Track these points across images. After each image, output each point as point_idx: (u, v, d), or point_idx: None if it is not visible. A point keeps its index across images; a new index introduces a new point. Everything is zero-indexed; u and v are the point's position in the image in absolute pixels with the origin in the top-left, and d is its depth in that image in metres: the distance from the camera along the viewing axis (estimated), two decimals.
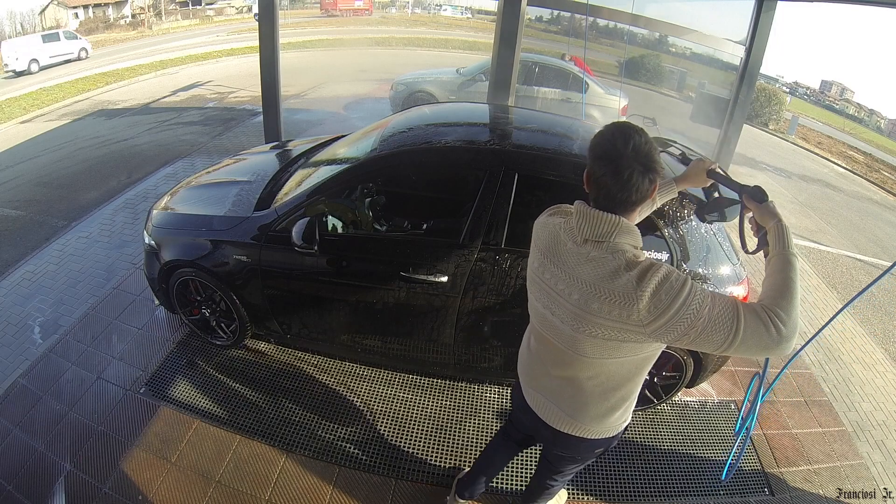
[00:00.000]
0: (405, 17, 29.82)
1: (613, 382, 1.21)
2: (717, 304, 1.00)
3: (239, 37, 19.50)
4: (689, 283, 1.02)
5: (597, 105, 6.75)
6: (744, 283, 2.38)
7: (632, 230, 1.11)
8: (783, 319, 0.99)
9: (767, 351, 1.01)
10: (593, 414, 1.29)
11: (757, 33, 4.54)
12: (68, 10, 27.24)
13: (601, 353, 1.13)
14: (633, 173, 1.04)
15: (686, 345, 1.03)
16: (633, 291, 1.02)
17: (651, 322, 1.02)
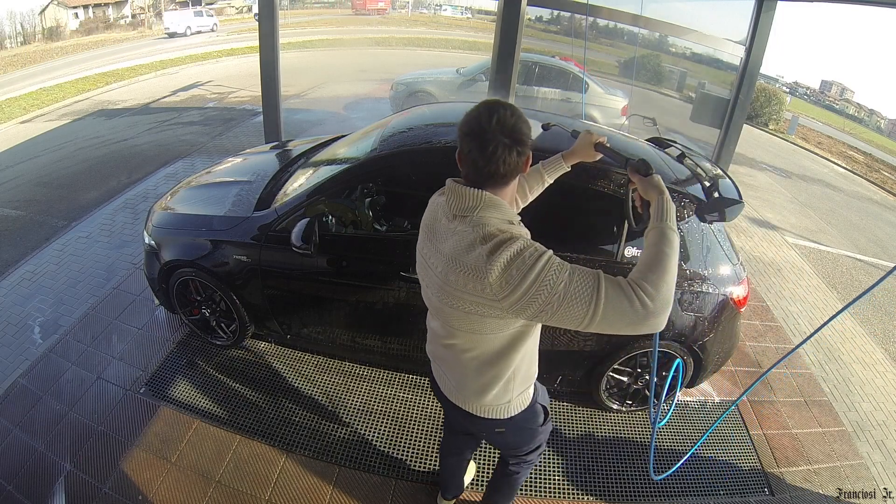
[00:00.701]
0: (405, 16, 29.81)
1: (486, 358, 1.20)
2: (576, 279, 0.98)
3: (239, 37, 19.50)
4: (546, 257, 1.00)
5: (597, 105, 6.75)
6: (744, 282, 2.38)
7: (498, 204, 1.10)
8: (650, 294, 0.97)
9: (634, 326, 0.98)
10: (472, 389, 1.29)
11: (757, 33, 4.54)
12: (68, 10, 27.22)
13: (468, 327, 1.13)
14: (497, 146, 1.04)
15: (549, 321, 1.01)
16: (483, 265, 1.01)
17: (505, 297, 1.01)
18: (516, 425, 1.40)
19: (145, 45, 19.32)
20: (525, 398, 1.36)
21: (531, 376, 1.36)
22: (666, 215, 1.13)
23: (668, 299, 0.99)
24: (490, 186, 1.10)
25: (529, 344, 1.22)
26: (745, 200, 2.33)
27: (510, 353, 1.19)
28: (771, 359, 3.28)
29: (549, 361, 2.46)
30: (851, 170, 12.07)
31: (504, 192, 1.13)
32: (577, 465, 2.39)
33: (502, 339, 1.16)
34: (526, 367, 1.30)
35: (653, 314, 0.97)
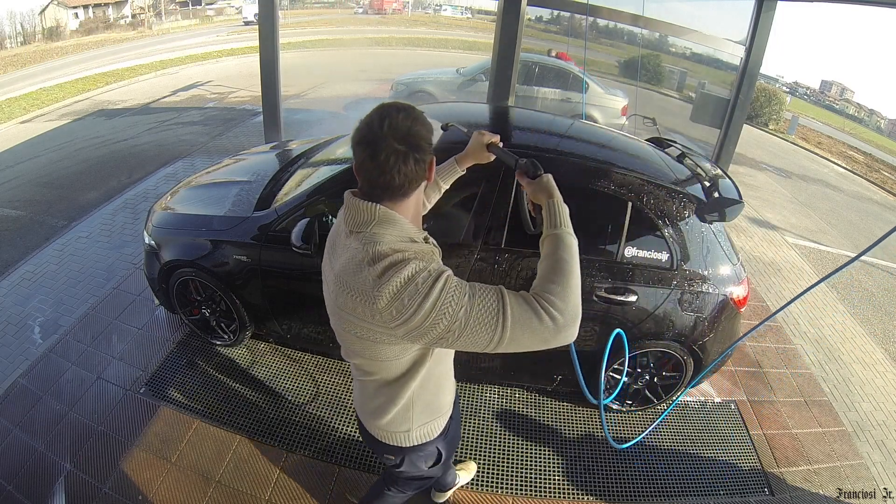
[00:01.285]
0: (405, 16, 29.81)
1: (381, 383, 1.13)
2: (477, 302, 0.90)
3: (239, 37, 19.50)
4: (441, 282, 0.90)
5: (597, 105, 6.75)
6: (744, 283, 2.38)
7: (394, 220, 0.98)
8: (557, 306, 0.90)
9: (546, 342, 0.91)
10: (368, 410, 1.22)
11: (757, 33, 4.54)
12: (68, 10, 27.22)
13: (363, 353, 1.04)
14: (390, 154, 0.93)
15: (451, 346, 0.94)
16: (370, 289, 0.91)
17: (399, 325, 0.91)
18: (408, 458, 1.32)
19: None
20: (427, 432, 1.25)
21: (439, 408, 1.25)
22: (559, 220, 1.05)
23: (577, 309, 0.93)
24: (387, 199, 0.99)
25: (431, 370, 1.12)
26: (745, 200, 2.34)
27: (408, 380, 1.10)
28: (771, 359, 3.29)
29: (548, 361, 2.48)
30: (851, 170, 12.07)
31: (403, 206, 1.01)
32: (578, 465, 2.39)
33: (402, 365, 1.08)
34: (430, 395, 1.19)
35: (564, 327, 0.90)
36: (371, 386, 1.16)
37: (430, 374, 1.13)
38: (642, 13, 4.59)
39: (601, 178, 2.24)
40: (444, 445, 1.36)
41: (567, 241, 1.02)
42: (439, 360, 1.15)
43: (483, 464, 2.34)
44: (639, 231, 2.25)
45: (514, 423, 2.56)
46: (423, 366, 1.09)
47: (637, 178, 2.25)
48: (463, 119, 2.85)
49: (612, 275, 2.25)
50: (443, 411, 1.28)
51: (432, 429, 1.27)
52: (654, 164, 2.47)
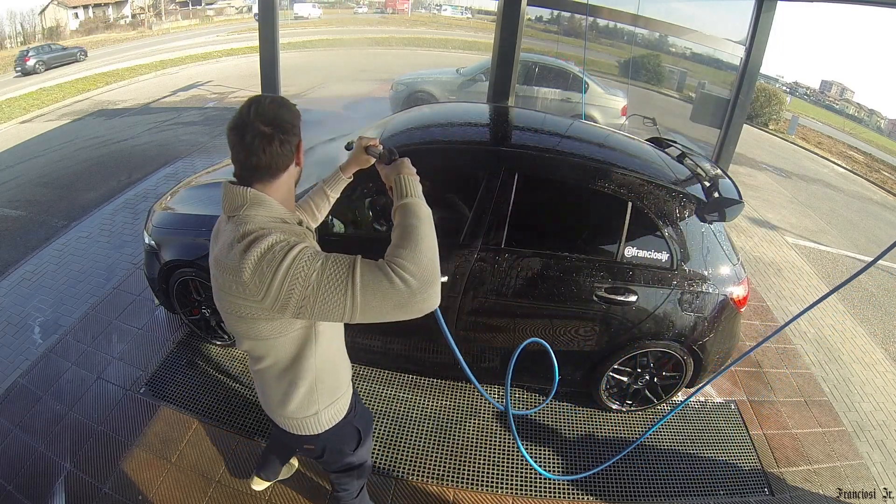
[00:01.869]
0: (405, 16, 29.81)
1: (282, 366, 1.16)
2: (329, 266, 0.93)
3: (239, 37, 19.51)
4: (297, 250, 0.95)
5: (597, 105, 6.75)
6: (744, 282, 2.38)
7: (265, 202, 1.05)
8: (409, 269, 0.91)
9: (403, 308, 0.92)
10: (274, 400, 1.24)
11: (757, 33, 4.53)
12: (68, 10, 27.23)
13: (247, 333, 1.08)
14: (256, 136, 1.00)
15: (313, 316, 0.96)
16: (238, 263, 0.97)
17: (263, 296, 0.96)
18: (325, 444, 1.35)
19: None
20: (335, 413, 1.30)
21: (339, 386, 1.30)
22: (407, 191, 1.07)
23: (430, 271, 0.93)
24: (258, 182, 1.06)
25: (324, 350, 1.17)
26: (745, 200, 2.33)
27: (303, 360, 1.14)
28: (771, 359, 3.29)
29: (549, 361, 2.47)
30: (851, 170, 12.07)
31: (274, 188, 1.07)
32: (578, 465, 2.38)
33: (290, 344, 1.11)
34: (329, 375, 1.23)
35: (418, 290, 0.91)
36: (269, 374, 1.19)
37: (325, 354, 1.18)
38: (637, 13, 4.58)
39: (601, 178, 2.24)
40: (360, 423, 1.40)
41: (414, 208, 1.02)
42: (329, 339, 1.19)
43: (483, 464, 2.34)
44: (639, 231, 2.26)
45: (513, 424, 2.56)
46: (312, 345, 1.13)
47: (637, 178, 2.25)
48: (463, 119, 2.85)
49: (612, 275, 2.25)
50: (343, 389, 1.32)
51: (339, 409, 1.31)
52: (654, 164, 2.47)
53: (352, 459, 1.45)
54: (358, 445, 1.42)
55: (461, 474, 2.28)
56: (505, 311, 2.32)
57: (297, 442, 1.34)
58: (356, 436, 1.40)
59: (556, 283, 2.26)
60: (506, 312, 2.33)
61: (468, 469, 2.31)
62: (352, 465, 1.48)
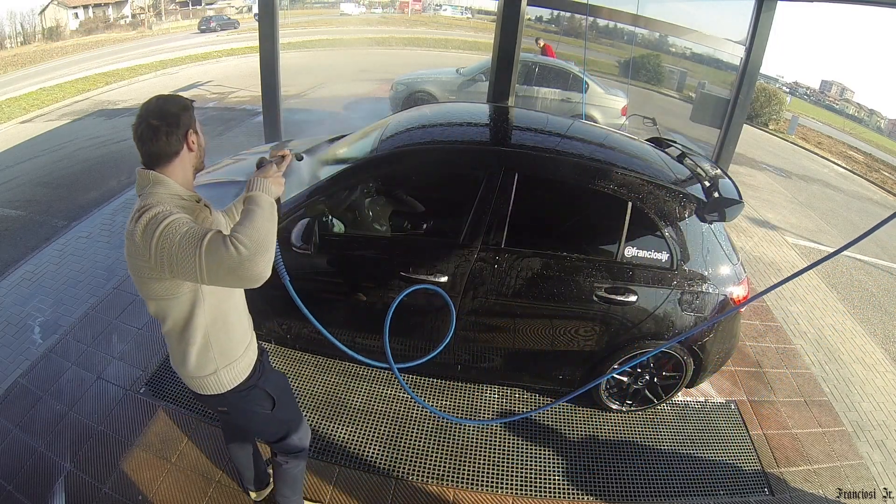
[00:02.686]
0: (405, 17, 29.82)
1: (178, 327, 1.33)
2: (188, 235, 1.12)
3: (239, 37, 19.50)
4: (171, 218, 1.14)
5: (597, 105, 6.75)
6: (743, 282, 2.38)
7: (164, 181, 1.25)
8: (243, 241, 1.10)
9: (238, 273, 1.11)
10: (176, 361, 1.41)
11: (757, 33, 4.54)
12: (68, 10, 27.23)
13: (147, 293, 1.27)
14: (145, 128, 1.21)
15: (178, 275, 1.16)
16: (132, 229, 1.17)
17: (150, 256, 1.15)
18: (236, 406, 1.50)
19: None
20: (234, 374, 1.44)
21: (234, 350, 1.43)
22: (255, 186, 1.26)
23: (261, 244, 1.12)
24: (158, 166, 1.25)
25: (212, 311, 1.33)
26: (744, 200, 2.34)
27: (193, 320, 1.31)
28: (771, 359, 3.29)
29: (549, 361, 2.48)
30: (851, 170, 12.07)
31: (171, 171, 1.26)
32: (577, 465, 2.39)
33: (182, 306, 1.29)
34: (222, 337, 1.39)
35: (248, 258, 1.10)
36: (171, 337, 1.37)
37: (213, 315, 1.34)
38: (637, 13, 4.58)
39: (601, 178, 2.24)
40: (271, 387, 1.55)
41: (257, 198, 1.23)
42: (218, 301, 1.35)
43: (483, 464, 2.34)
44: (639, 231, 2.26)
45: (514, 423, 2.56)
46: (201, 306, 1.31)
47: (637, 178, 2.25)
48: (463, 120, 2.85)
49: (612, 275, 2.25)
50: (239, 352, 1.45)
51: (239, 371, 1.45)
52: (654, 164, 2.47)
53: (275, 422, 1.61)
54: (274, 406, 1.55)
55: (461, 474, 2.28)
56: (505, 311, 2.32)
57: (210, 404, 1.50)
58: (268, 398, 1.54)
59: (556, 284, 2.26)
60: (506, 312, 2.33)
61: (468, 469, 2.31)
62: (277, 428, 1.64)
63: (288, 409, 1.63)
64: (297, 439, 1.69)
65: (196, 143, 1.30)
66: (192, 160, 1.31)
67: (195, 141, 1.29)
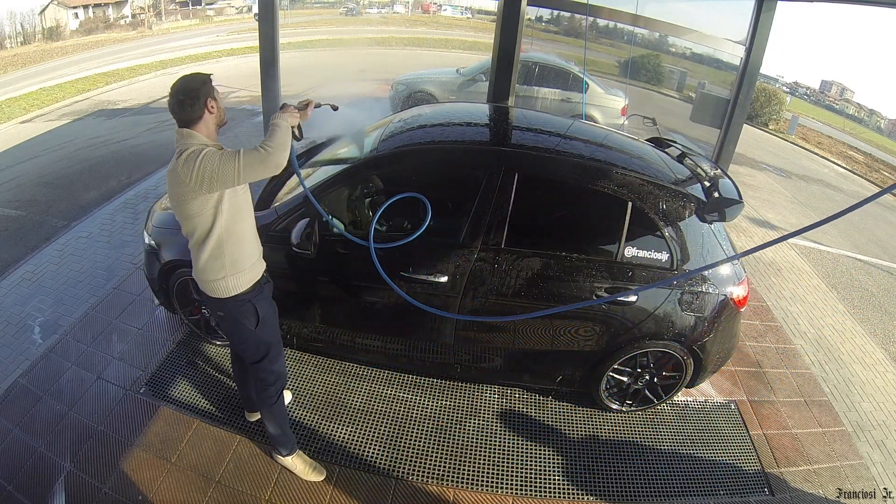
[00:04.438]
0: (405, 16, 29.81)
1: (201, 236, 1.72)
2: (226, 154, 1.63)
3: (239, 37, 19.50)
4: (207, 149, 1.61)
5: (597, 105, 6.75)
6: (744, 282, 2.38)
7: (194, 135, 1.67)
8: (268, 144, 1.66)
9: (264, 163, 1.64)
10: (196, 267, 1.80)
11: (757, 33, 4.53)
12: (68, 10, 27.22)
13: (183, 213, 1.69)
14: (174, 102, 1.65)
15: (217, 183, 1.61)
16: (174, 164, 1.64)
17: (190, 179, 1.60)
18: (229, 312, 1.85)
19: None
20: (236, 283, 1.80)
21: (243, 262, 1.80)
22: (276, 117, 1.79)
23: (280, 145, 1.68)
24: (188, 126, 1.68)
25: (228, 224, 1.72)
26: (744, 200, 2.34)
27: (213, 230, 1.71)
28: (771, 359, 3.29)
29: (549, 361, 2.48)
30: (851, 170, 12.08)
31: (199, 128, 1.69)
32: (577, 465, 2.39)
33: (207, 219, 1.69)
34: (234, 247, 1.77)
35: (271, 154, 1.65)
36: (194, 245, 1.76)
37: (229, 228, 1.73)
38: (637, 13, 4.58)
39: (601, 178, 2.24)
40: (260, 305, 1.88)
41: (275, 119, 1.78)
42: (233, 217, 1.74)
43: (483, 464, 2.34)
44: (639, 231, 2.26)
45: (514, 423, 2.56)
46: (220, 216, 1.70)
47: (637, 178, 2.25)
48: (463, 119, 2.85)
49: (612, 275, 2.25)
50: (245, 266, 1.82)
51: (241, 282, 1.82)
52: (654, 164, 2.47)
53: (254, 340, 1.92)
54: (257, 324, 1.88)
55: (461, 474, 2.28)
56: (505, 311, 2.32)
57: (212, 306, 1.89)
58: (254, 313, 1.87)
59: (556, 283, 2.26)
60: (506, 313, 2.33)
61: (468, 469, 2.31)
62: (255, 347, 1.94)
63: (269, 332, 1.95)
64: (269, 363, 1.98)
65: (215, 107, 1.70)
66: (214, 119, 1.72)
67: (214, 105, 1.70)
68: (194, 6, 30.88)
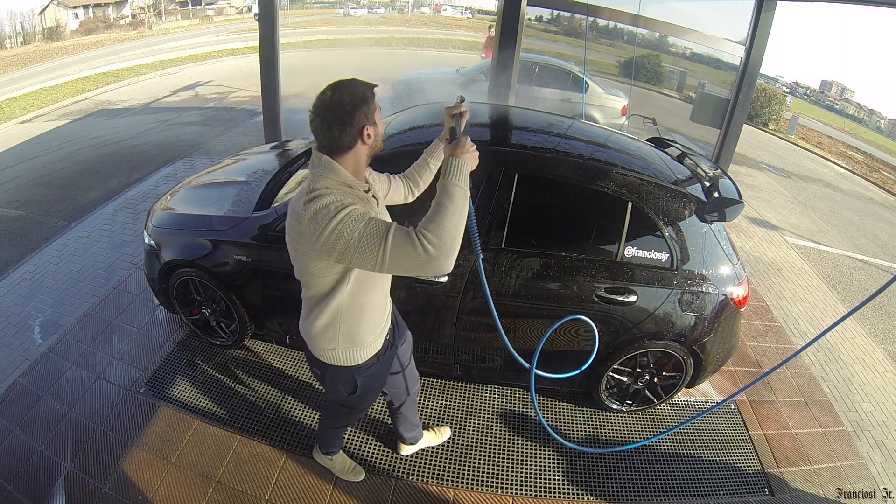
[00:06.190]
0: (405, 16, 29.80)
1: (316, 298, 1.41)
2: (370, 228, 1.17)
3: (239, 37, 19.49)
4: (347, 211, 1.19)
5: (597, 105, 6.75)
6: (744, 282, 2.38)
7: (334, 168, 1.28)
8: (431, 240, 1.12)
9: (421, 268, 1.15)
10: (305, 323, 1.49)
11: (757, 33, 4.54)
12: (68, 10, 27.22)
13: (302, 266, 1.35)
14: (317, 122, 1.25)
15: (350, 262, 1.21)
16: (301, 209, 1.23)
17: (315, 239, 1.21)
18: (330, 377, 1.60)
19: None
20: (350, 357, 1.51)
21: (361, 339, 1.49)
22: (450, 173, 1.24)
23: (449, 245, 1.13)
24: (329, 153, 1.29)
25: (351, 296, 1.39)
26: (744, 200, 2.34)
27: (332, 297, 1.38)
28: (771, 359, 3.29)
29: (549, 361, 2.47)
30: (851, 170, 12.06)
31: (343, 160, 1.29)
32: (577, 465, 2.39)
33: (328, 282, 1.35)
34: (354, 321, 1.45)
35: (434, 257, 1.12)
36: (309, 302, 1.45)
37: (351, 300, 1.40)
38: (638, 13, 4.58)
39: (601, 177, 2.24)
40: (362, 380, 1.59)
41: (451, 190, 1.21)
42: (360, 290, 1.39)
43: (483, 464, 2.34)
44: (639, 231, 2.26)
45: (514, 423, 2.56)
46: (344, 285, 1.35)
47: (637, 178, 2.25)
48: None
49: (612, 275, 2.25)
50: (365, 344, 1.52)
51: (354, 356, 1.51)
52: (654, 164, 2.47)
53: (344, 401, 1.70)
54: (352, 393, 1.63)
55: (461, 474, 2.28)
56: (505, 311, 2.32)
57: (313, 363, 1.60)
58: (353, 387, 1.60)
59: (556, 284, 2.26)
60: (506, 312, 2.32)
61: (468, 469, 2.31)
62: (343, 405, 1.76)
63: (365, 402, 1.73)
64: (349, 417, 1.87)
65: (372, 136, 1.29)
66: (367, 151, 1.32)
67: (371, 134, 1.28)
68: (194, 6, 30.88)
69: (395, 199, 1.66)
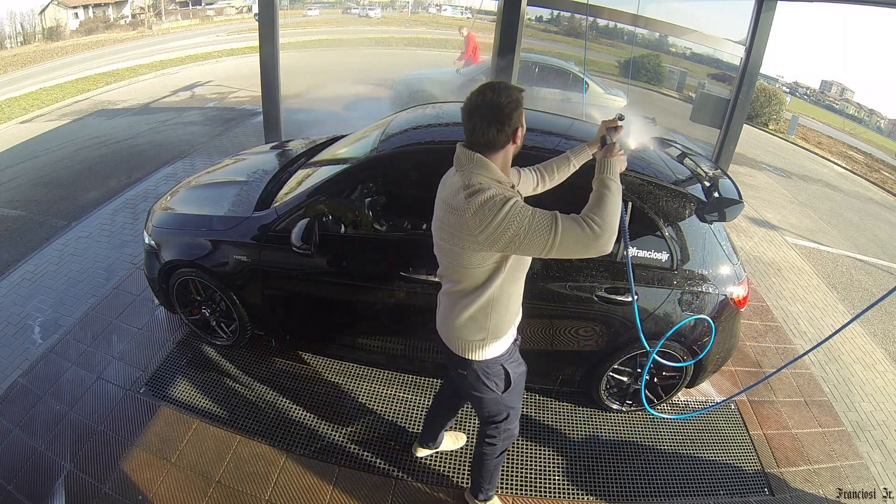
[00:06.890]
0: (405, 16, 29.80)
1: (469, 289, 1.43)
2: (538, 216, 1.26)
3: (239, 37, 19.50)
4: (512, 202, 1.26)
5: (597, 105, 6.75)
6: (744, 282, 2.38)
7: (486, 165, 1.34)
8: (597, 221, 1.27)
9: (588, 248, 1.26)
10: (451, 316, 1.51)
11: (757, 33, 4.54)
12: (68, 10, 27.22)
13: (455, 259, 1.39)
14: (476, 121, 1.30)
15: (516, 250, 1.29)
16: (462, 206, 1.29)
17: (480, 232, 1.27)
18: (476, 373, 1.57)
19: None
20: (495, 348, 1.53)
21: (504, 326, 1.52)
22: (604, 169, 1.42)
23: (612, 225, 1.28)
24: (480, 151, 1.34)
25: (506, 283, 1.43)
26: (744, 200, 2.33)
27: (486, 287, 1.41)
28: (771, 359, 3.29)
29: (549, 361, 2.48)
30: (851, 170, 12.06)
31: (494, 158, 1.35)
32: (577, 465, 2.39)
33: (482, 274, 1.39)
34: (503, 308, 1.48)
35: (599, 235, 1.26)
36: (457, 295, 1.47)
37: (503, 288, 1.43)
38: (637, 13, 4.58)
39: None
40: (512, 367, 1.60)
41: (608, 183, 1.37)
42: (512, 278, 1.44)
43: None
44: (639, 231, 2.26)
45: None
46: (499, 275, 1.39)
47: (637, 178, 2.25)
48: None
49: (612, 275, 2.25)
50: (506, 331, 1.54)
51: (499, 347, 1.54)
52: (653, 163, 2.47)
53: (501, 404, 1.67)
54: (507, 387, 1.61)
55: (461, 474, 2.28)
56: None
57: (455, 363, 1.59)
58: (505, 376, 1.59)
59: (556, 283, 2.26)
60: None
61: (468, 469, 2.31)
62: (500, 409, 1.70)
63: (515, 397, 1.71)
64: (507, 424, 1.76)
65: (520, 137, 1.37)
66: (514, 150, 1.40)
67: (520, 135, 1.36)
68: (194, 6, 30.88)
69: (524, 190, 1.68)
